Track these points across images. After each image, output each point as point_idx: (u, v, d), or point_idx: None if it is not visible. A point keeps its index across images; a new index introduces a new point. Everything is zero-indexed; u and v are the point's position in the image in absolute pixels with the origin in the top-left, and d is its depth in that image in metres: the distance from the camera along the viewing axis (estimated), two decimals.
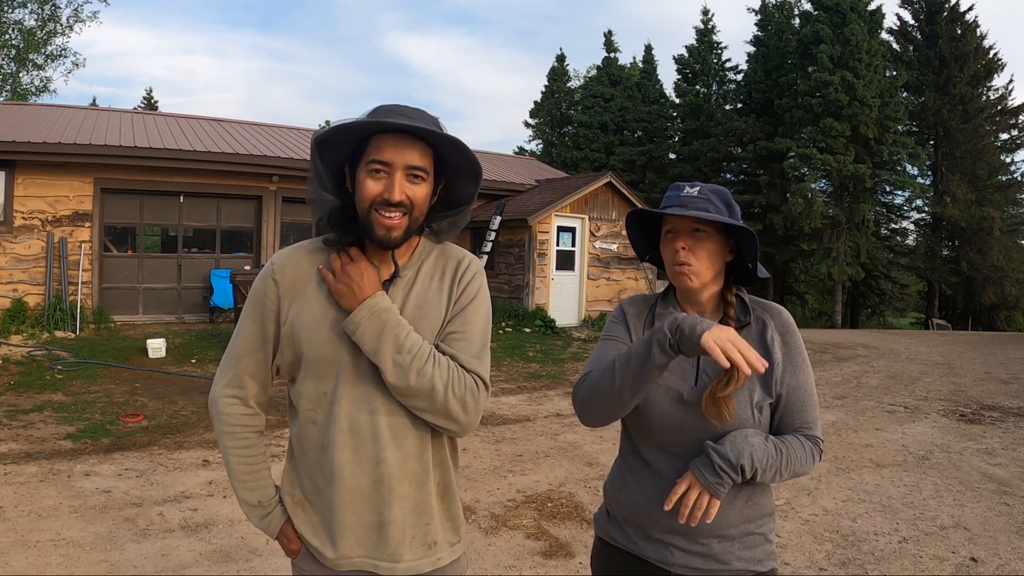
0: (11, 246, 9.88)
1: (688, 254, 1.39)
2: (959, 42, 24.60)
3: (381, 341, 1.24)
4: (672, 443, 1.38)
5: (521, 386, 7.89)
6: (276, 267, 1.34)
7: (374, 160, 1.24)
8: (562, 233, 13.09)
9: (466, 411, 1.27)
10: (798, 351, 1.42)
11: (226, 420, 1.36)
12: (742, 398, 1.34)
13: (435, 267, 1.38)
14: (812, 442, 1.39)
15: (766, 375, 1.36)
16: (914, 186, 24.14)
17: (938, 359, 11.30)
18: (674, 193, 1.43)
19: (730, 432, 1.31)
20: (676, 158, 27.97)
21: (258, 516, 1.38)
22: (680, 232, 1.41)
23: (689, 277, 1.40)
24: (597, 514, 1.57)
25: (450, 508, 1.39)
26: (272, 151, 12.04)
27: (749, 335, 1.41)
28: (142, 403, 6.29)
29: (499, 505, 4.11)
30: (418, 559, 1.32)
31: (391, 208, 1.24)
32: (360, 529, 1.29)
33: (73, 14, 24.12)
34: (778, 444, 1.33)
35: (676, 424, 1.37)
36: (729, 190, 1.66)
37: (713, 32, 28.13)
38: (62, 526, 3.54)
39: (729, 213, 1.42)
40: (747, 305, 1.45)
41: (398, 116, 1.23)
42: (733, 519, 1.37)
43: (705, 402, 1.31)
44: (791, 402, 1.39)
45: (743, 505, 1.37)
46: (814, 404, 1.41)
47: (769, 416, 1.39)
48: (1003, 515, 4.11)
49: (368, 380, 1.28)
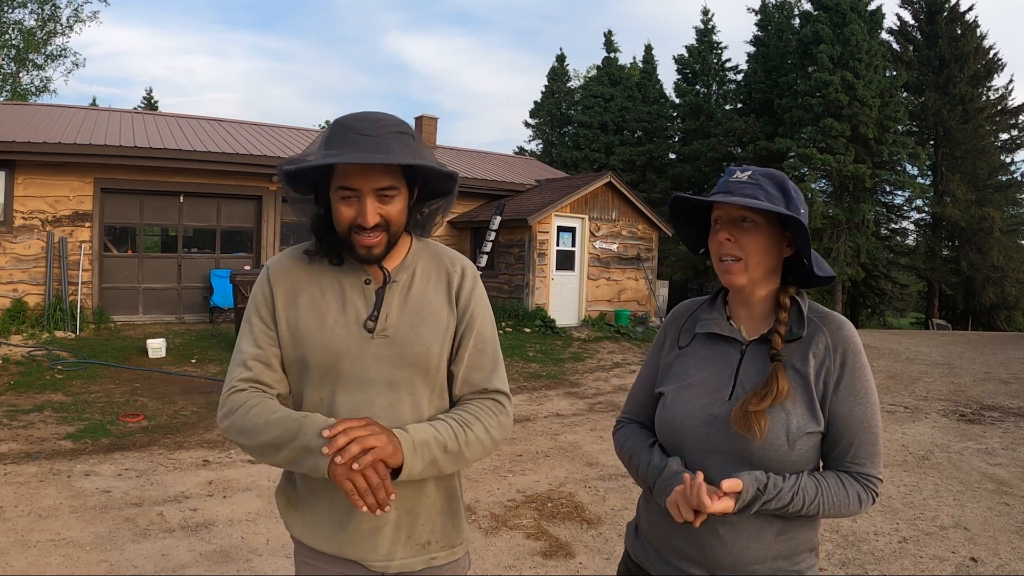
0: (11, 246, 9.88)
1: (734, 246, 1.23)
2: (959, 42, 24.58)
3: (439, 462, 1.24)
4: (699, 465, 1.24)
5: (521, 386, 7.89)
6: (271, 272, 1.34)
7: (342, 187, 1.23)
8: (562, 233, 13.09)
9: (503, 433, 1.35)
10: (857, 374, 1.22)
11: (237, 402, 1.26)
12: (777, 420, 1.18)
13: (429, 269, 1.38)
14: (861, 482, 1.21)
15: (808, 398, 1.21)
16: (914, 186, 24.13)
17: (938, 359, 11.29)
18: (724, 179, 1.28)
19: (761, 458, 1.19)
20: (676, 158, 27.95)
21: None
22: (725, 223, 1.25)
23: (735, 274, 1.24)
24: (629, 524, 1.50)
25: (453, 510, 1.39)
26: (272, 151, 12.04)
27: (793, 350, 1.24)
28: (142, 403, 6.29)
29: (499, 505, 4.11)
30: (411, 557, 1.32)
31: (366, 231, 1.23)
32: (354, 532, 1.29)
33: (73, 14, 24.09)
34: (810, 479, 1.19)
35: (703, 442, 1.24)
36: None
37: (713, 32, 28.12)
38: (62, 526, 3.54)
39: (785, 201, 1.22)
40: (803, 314, 1.26)
41: (354, 136, 1.19)
42: (760, 554, 1.21)
43: (735, 414, 1.19)
44: (840, 432, 1.21)
45: (773, 539, 1.21)
46: (873, 438, 1.22)
47: (814, 451, 1.22)
48: (1003, 515, 4.11)
49: (366, 387, 1.28)
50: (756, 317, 1.30)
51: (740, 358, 1.28)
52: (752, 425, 1.17)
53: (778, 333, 1.24)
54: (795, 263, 1.29)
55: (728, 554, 1.21)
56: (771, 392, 1.18)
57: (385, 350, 1.29)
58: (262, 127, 15.20)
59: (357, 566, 1.31)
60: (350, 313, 1.30)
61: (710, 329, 1.32)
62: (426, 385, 1.32)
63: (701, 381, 1.29)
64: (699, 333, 1.35)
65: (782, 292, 1.28)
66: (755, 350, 1.28)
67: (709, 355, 1.31)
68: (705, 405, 1.25)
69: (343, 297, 1.31)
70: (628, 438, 1.41)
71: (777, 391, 1.18)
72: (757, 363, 1.26)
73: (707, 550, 1.23)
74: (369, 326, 1.29)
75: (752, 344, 1.28)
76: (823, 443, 1.24)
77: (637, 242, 14.31)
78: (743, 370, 1.26)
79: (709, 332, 1.33)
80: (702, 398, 1.27)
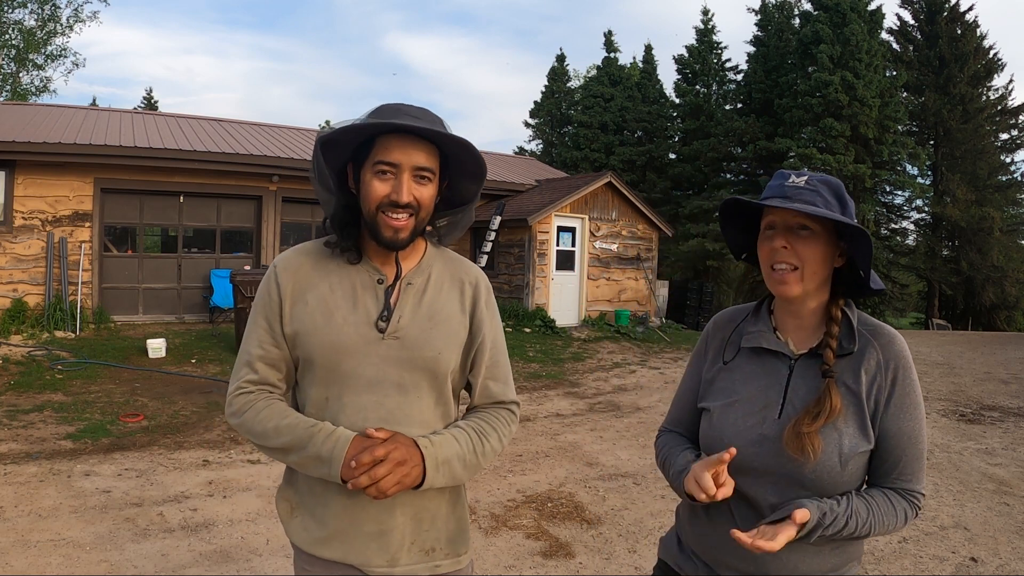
0: (11, 246, 9.88)
1: (790, 254, 1.18)
2: (959, 42, 24.59)
3: (457, 475, 1.28)
4: (746, 484, 1.20)
5: (521, 386, 7.89)
6: (279, 269, 1.33)
7: (381, 161, 1.22)
8: (562, 233, 13.09)
9: (509, 441, 1.40)
10: (907, 390, 1.18)
11: (246, 404, 1.27)
12: (829, 440, 1.14)
13: (444, 275, 1.38)
14: (908, 499, 1.19)
15: (860, 417, 1.17)
16: (914, 186, 24.14)
17: (938, 359, 11.29)
18: (778, 182, 1.22)
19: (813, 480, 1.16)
20: (676, 158, 27.95)
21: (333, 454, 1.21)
22: (781, 229, 1.19)
23: (789, 284, 1.18)
24: (666, 537, 1.44)
25: (459, 516, 1.38)
26: (272, 151, 12.04)
27: (844, 366, 1.20)
28: (142, 403, 6.29)
29: (499, 505, 4.11)
30: (415, 564, 1.31)
31: (399, 209, 1.23)
32: (357, 537, 1.28)
33: (73, 14, 24.07)
34: (860, 499, 1.17)
35: (752, 463, 1.19)
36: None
37: (713, 32, 28.11)
38: (62, 526, 3.54)
39: (841, 209, 1.18)
40: (853, 328, 1.22)
41: (403, 116, 1.21)
42: (815, 568, 1.19)
43: (787, 435, 1.15)
44: (888, 450, 1.18)
45: (828, 553, 1.20)
46: (918, 454, 1.19)
47: (862, 469, 1.19)
48: (1003, 515, 4.11)
49: (374, 389, 1.26)
50: (805, 328, 1.25)
51: (789, 374, 1.23)
52: (805, 447, 1.13)
53: (830, 348, 1.19)
54: (844, 274, 1.25)
55: (783, 567, 1.19)
56: (824, 411, 1.14)
57: (395, 352, 1.28)
58: (262, 127, 15.19)
59: (357, 571, 1.30)
60: (360, 312, 1.28)
61: (757, 343, 1.28)
62: (433, 389, 1.31)
63: (748, 398, 1.24)
64: (745, 347, 1.30)
65: (833, 304, 1.23)
66: (804, 365, 1.23)
67: (756, 370, 1.27)
68: (754, 424, 1.21)
69: (354, 296, 1.30)
70: (666, 444, 1.41)
71: (830, 409, 1.14)
72: (807, 379, 1.21)
73: (762, 564, 1.19)
74: (381, 326, 1.28)
75: (801, 359, 1.24)
76: (871, 461, 1.21)
77: (637, 242, 14.31)
78: (792, 387, 1.21)
79: (755, 347, 1.28)
80: (750, 416, 1.22)
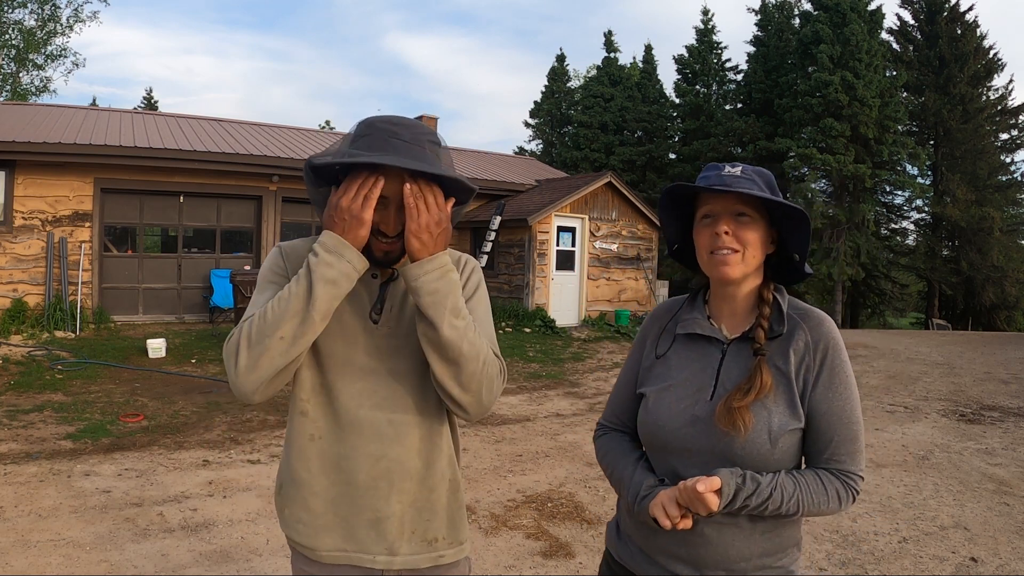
0: (11, 246, 9.88)
1: (731, 239, 1.22)
2: (959, 42, 24.58)
3: (445, 298, 1.20)
4: (681, 464, 1.24)
5: (521, 386, 7.89)
6: (284, 250, 1.37)
7: None
8: (562, 233, 13.09)
9: (491, 392, 1.27)
10: (837, 370, 1.22)
11: (240, 327, 1.20)
12: (759, 418, 1.18)
13: None
14: (842, 480, 1.21)
15: (789, 396, 1.21)
16: (914, 186, 24.14)
17: (938, 359, 11.29)
18: (713, 172, 1.25)
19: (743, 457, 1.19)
20: (676, 158, 27.96)
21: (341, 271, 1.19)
22: (721, 215, 1.24)
23: (731, 265, 1.23)
24: (609, 525, 1.48)
25: (458, 506, 1.38)
26: (272, 151, 12.04)
27: (774, 348, 1.25)
28: (142, 403, 6.29)
29: (499, 505, 4.11)
30: (416, 554, 1.32)
31: (388, 238, 1.26)
32: (354, 525, 1.29)
33: (73, 14, 24.09)
34: (787, 476, 1.19)
35: (685, 443, 1.24)
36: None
37: (713, 32, 28.13)
38: (62, 526, 3.54)
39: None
40: (783, 311, 1.27)
41: (394, 141, 1.20)
42: (746, 552, 1.21)
43: (719, 410, 1.20)
44: (820, 429, 1.21)
45: (759, 537, 1.22)
46: (852, 435, 1.21)
47: (795, 449, 1.22)
48: (1003, 515, 4.10)
49: (369, 376, 1.29)
50: (738, 314, 1.30)
51: (721, 357, 1.28)
52: (736, 421, 1.17)
53: (761, 327, 1.24)
54: (774, 260, 1.30)
55: (715, 552, 1.21)
56: (755, 387, 1.18)
57: (388, 341, 1.31)
58: (262, 127, 15.20)
59: (357, 571, 1.31)
60: (355, 303, 1.32)
61: (691, 330, 1.32)
62: (426, 376, 1.32)
63: (682, 382, 1.28)
64: (680, 334, 1.35)
65: (764, 288, 1.29)
66: (736, 348, 1.28)
67: (690, 355, 1.31)
68: (687, 406, 1.25)
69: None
70: (611, 449, 1.41)
71: (761, 385, 1.18)
72: (739, 361, 1.26)
73: (694, 548, 1.23)
74: (374, 317, 1.32)
75: (733, 343, 1.28)
76: (805, 442, 1.24)
77: (637, 242, 14.31)
78: (724, 369, 1.26)
79: (690, 333, 1.33)
80: (684, 399, 1.26)
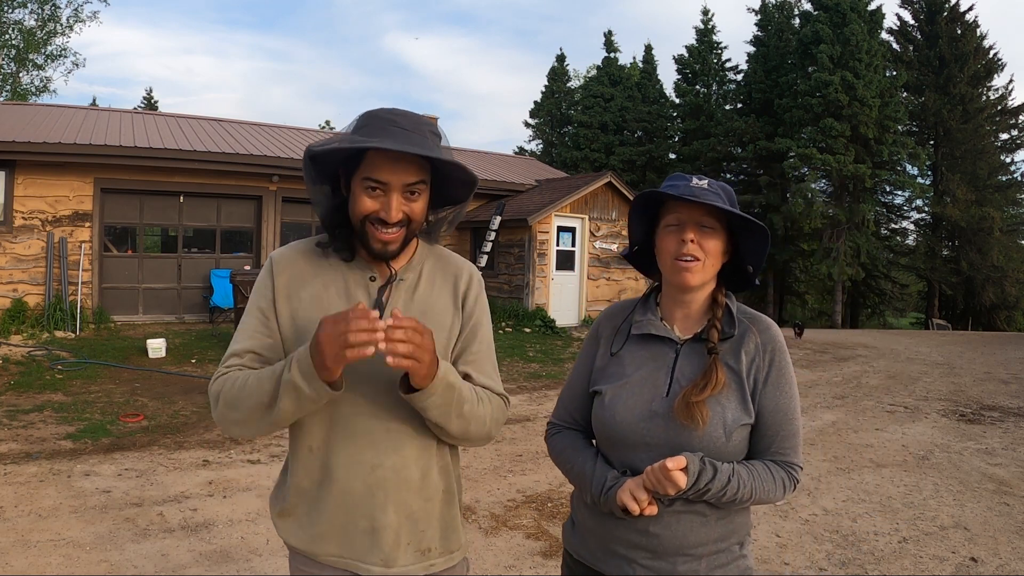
0: (11, 246, 9.88)
1: (696, 247, 1.30)
2: (959, 42, 24.60)
3: (450, 407, 1.22)
4: (638, 459, 1.29)
5: (521, 386, 7.89)
6: (274, 263, 1.34)
7: (369, 178, 1.22)
8: (562, 233, 13.08)
9: (497, 429, 1.35)
10: (781, 370, 1.32)
11: (223, 383, 1.24)
12: (714, 413, 1.26)
13: (435, 271, 1.38)
14: (786, 470, 1.31)
15: (741, 393, 1.30)
16: (914, 186, 24.16)
17: (938, 359, 11.29)
18: (680, 183, 1.33)
19: (699, 450, 1.26)
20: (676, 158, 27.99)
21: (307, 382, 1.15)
22: (687, 224, 1.31)
23: (693, 273, 1.31)
24: (565, 525, 1.50)
25: (452, 515, 1.38)
26: (272, 151, 12.04)
27: (726, 348, 1.33)
28: (142, 403, 6.29)
29: (499, 505, 4.11)
30: (411, 564, 1.31)
31: (387, 226, 1.23)
32: (350, 533, 1.28)
33: (73, 14, 24.10)
34: (742, 465, 1.27)
35: (643, 438, 1.29)
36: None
37: (713, 32, 28.15)
38: (62, 526, 3.54)
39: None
40: (733, 315, 1.36)
41: (394, 130, 1.19)
42: (703, 538, 1.29)
43: (678, 405, 1.26)
44: (767, 425, 1.31)
45: (714, 523, 1.30)
46: (795, 430, 1.32)
47: (744, 443, 1.31)
48: (1003, 515, 4.11)
49: (367, 385, 1.27)
50: (691, 317, 1.38)
51: (675, 357, 1.34)
52: (695, 415, 1.24)
53: (715, 328, 1.33)
54: (727, 269, 1.40)
55: (673, 538, 1.28)
56: (711, 383, 1.26)
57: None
58: (262, 127, 15.20)
59: (352, 574, 1.30)
60: None
61: (645, 330, 1.38)
62: None
63: (638, 380, 1.34)
64: (634, 335, 1.40)
65: (718, 292, 1.38)
66: (689, 349, 1.35)
67: (644, 355, 1.37)
68: (644, 402, 1.31)
69: (347, 293, 1.31)
70: (567, 446, 1.44)
71: (716, 381, 1.26)
72: (692, 360, 1.33)
73: (654, 537, 1.28)
74: None
75: (687, 343, 1.35)
76: (752, 436, 1.32)
77: None
78: (679, 368, 1.33)
79: (644, 333, 1.38)
80: (641, 395, 1.32)
